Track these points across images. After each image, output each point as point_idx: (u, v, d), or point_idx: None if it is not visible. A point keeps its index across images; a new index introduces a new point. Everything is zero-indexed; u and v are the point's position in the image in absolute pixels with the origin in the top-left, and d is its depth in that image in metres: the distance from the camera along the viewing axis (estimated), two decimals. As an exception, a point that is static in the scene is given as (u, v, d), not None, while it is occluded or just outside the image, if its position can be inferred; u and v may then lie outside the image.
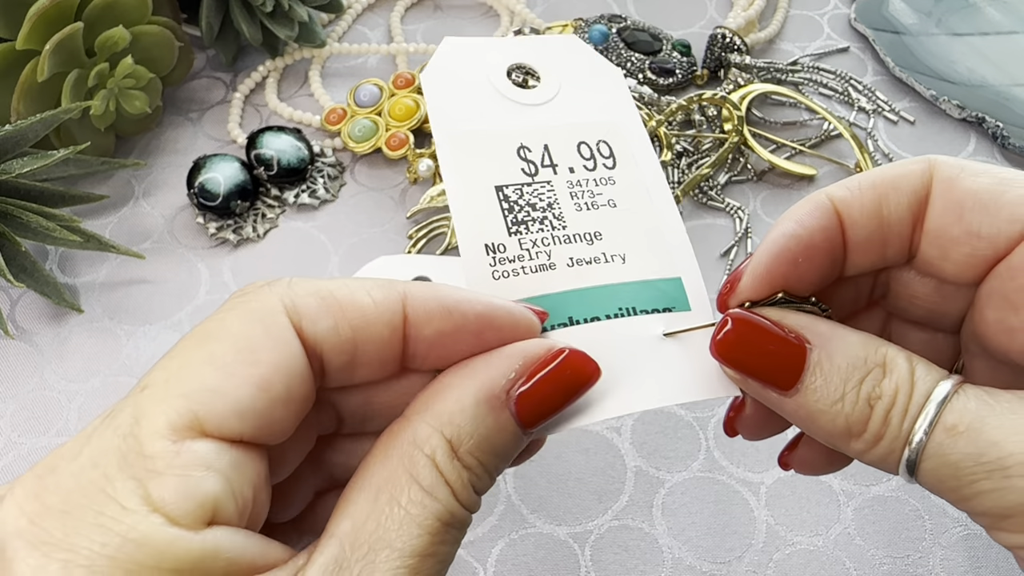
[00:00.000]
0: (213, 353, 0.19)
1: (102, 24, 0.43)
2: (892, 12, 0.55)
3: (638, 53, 0.52)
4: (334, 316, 0.20)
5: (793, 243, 0.22)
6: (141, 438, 0.18)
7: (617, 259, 0.26)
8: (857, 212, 0.22)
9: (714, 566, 0.34)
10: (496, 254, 0.25)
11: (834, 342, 0.21)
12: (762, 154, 0.47)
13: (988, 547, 0.35)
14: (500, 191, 0.25)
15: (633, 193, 0.27)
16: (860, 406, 0.21)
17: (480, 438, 0.20)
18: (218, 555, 0.17)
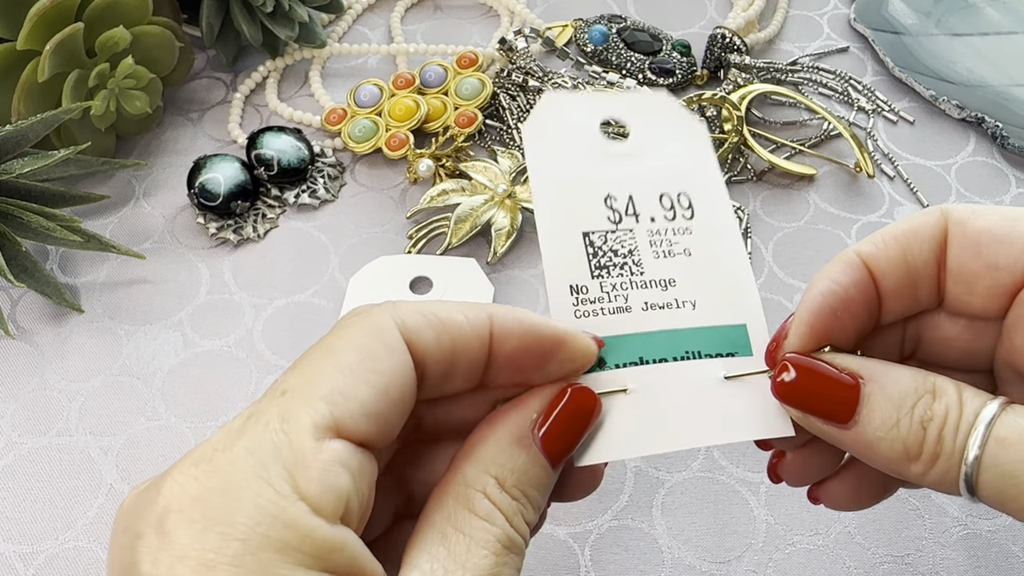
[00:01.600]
0: (340, 362, 0.21)
1: (103, 24, 0.43)
2: (892, 12, 0.55)
3: (638, 53, 0.52)
4: (436, 330, 0.22)
5: (832, 299, 0.24)
6: (290, 434, 0.20)
7: (688, 305, 0.28)
8: (884, 263, 0.25)
9: (714, 566, 0.35)
10: (579, 295, 0.27)
11: (886, 375, 0.23)
12: (762, 154, 0.47)
13: (988, 547, 0.35)
14: (587, 237, 0.28)
15: (708, 243, 0.29)
16: (914, 428, 0.22)
17: (520, 473, 0.23)
18: (344, 549, 0.19)
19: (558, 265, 0.28)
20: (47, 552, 0.35)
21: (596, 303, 0.27)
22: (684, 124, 0.31)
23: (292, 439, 0.20)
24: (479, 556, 0.21)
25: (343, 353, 0.21)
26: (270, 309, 0.42)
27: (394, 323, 0.22)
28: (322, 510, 0.19)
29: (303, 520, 0.19)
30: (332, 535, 0.19)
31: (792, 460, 0.27)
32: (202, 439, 0.38)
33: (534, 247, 0.44)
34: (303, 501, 0.19)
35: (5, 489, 0.37)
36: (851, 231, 0.45)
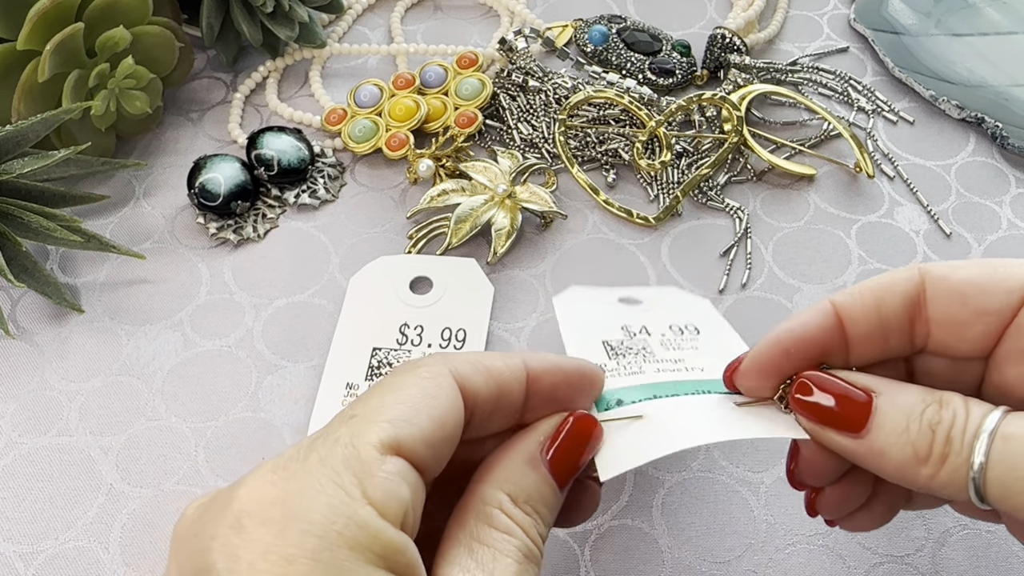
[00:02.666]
0: (402, 396, 0.24)
1: (103, 24, 0.43)
2: (891, 12, 0.55)
3: (638, 53, 0.52)
4: (483, 376, 0.25)
5: (785, 336, 0.27)
6: (359, 447, 0.22)
7: (697, 370, 0.32)
8: (858, 311, 0.27)
9: (714, 566, 0.35)
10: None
11: (895, 389, 0.25)
12: (762, 154, 0.47)
13: (988, 547, 0.35)
14: (606, 343, 0.33)
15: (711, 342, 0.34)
16: (923, 431, 0.24)
17: (531, 490, 0.25)
18: (406, 552, 0.21)
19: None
20: (47, 552, 0.35)
21: (613, 371, 0.31)
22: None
23: (360, 452, 0.22)
24: (504, 564, 0.23)
25: (405, 390, 0.24)
26: (270, 309, 0.42)
27: (448, 369, 0.25)
28: (387, 515, 0.21)
29: (373, 522, 0.21)
30: (397, 538, 0.21)
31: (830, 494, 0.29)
32: (202, 439, 0.38)
33: (534, 247, 0.44)
34: (371, 505, 0.21)
35: (5, 489, 0.37)
36: (851, 231, 0.45)
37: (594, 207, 0.46)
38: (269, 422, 0.39)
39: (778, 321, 0.41)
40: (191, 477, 0.37)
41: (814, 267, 0.44)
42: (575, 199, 0.46)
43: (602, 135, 0.48)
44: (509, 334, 0.41)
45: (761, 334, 0.41)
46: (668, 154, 0.47)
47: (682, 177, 0.47)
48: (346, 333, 0.41)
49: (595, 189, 0.46)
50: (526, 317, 0.42)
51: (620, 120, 0.49)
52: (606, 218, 0.46)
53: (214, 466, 0.37)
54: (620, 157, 0.48)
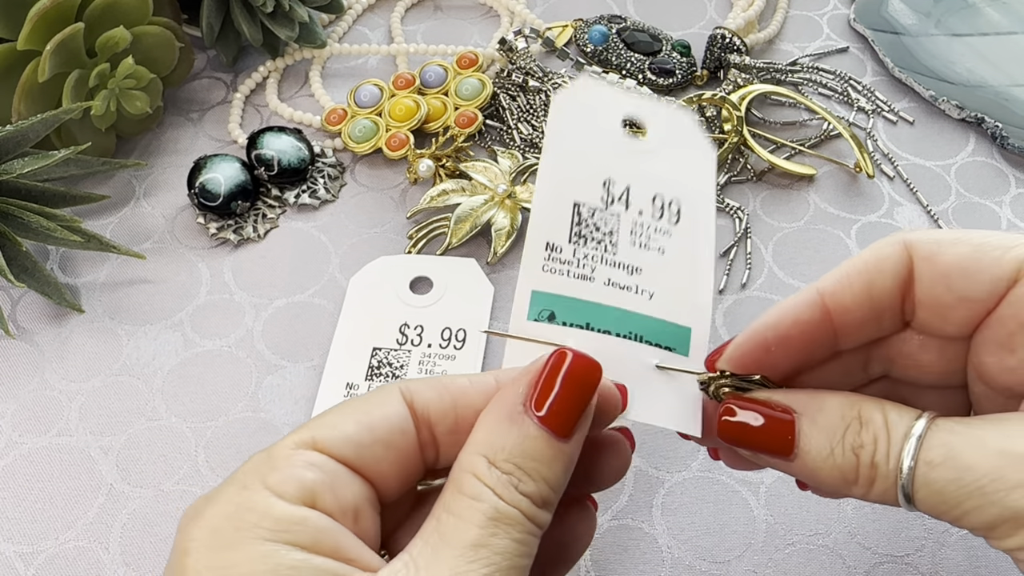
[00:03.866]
0: (337, 409, 0.24)
1: (103, 24, 0.43)
2: (891, 13, 0.55)
3: (638, 54, 0.52)
4: (437, 389, 0.25)
5: (769, 332, 0.26)
6: (272, 451, 0.23)
7: (645, 294, 0.30)
8: (849, 299, 0.26)
9: (713, 566, 0.35)
10: (552, 252, 0.29)
11: (814, 406, 0.25)
12: (762, 154, 0.47)
13: (987, 547, 0.35)
14: (577, 206, 0.30)
15: (682, 248, 0.31)
16: (847, 456, 0.24)
17: (511, 447, 0.23)
18: (306, 523, 0.22)
19: (543, 223, 0.29)
20: (47, 552, 0.35)
21: (565, 264, 0.29)
22: (699, 144, 0.32)
23: (272, 453, 0.23)
24: (462, 531, 0.22)
25: (343, 405, 0.25)
26: (270, 309, 0.42)
27: (397, 388, 0.25)
28: (284, 494, 0.22)
29: (263, 502, 0.22)
30: (289, 510, 0.22)
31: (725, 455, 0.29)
32: (202, 439, 0.38)
33: (534, 247, 0.44)
34: (268, 490, 0.22)
35: (5, 489, 0.37)
36: (851, 231, 0.45)
37: (594, 207, 0.46)
38: (269, 422, 0.39)
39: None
40: (191, 477, 0.37)
41: (814, 267, 0.44)
42: (575, 199, 0.46)
43: (602, 135, 0.48)
44: (509, 334, 0.41)
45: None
46: (668, 154, 0.47)
47: (682, 177, 0.47)
48: (346, 333, 0.41)
49: (595, 189, 0.46)
50: (526, 317, 0.42)
51: (620, 120, 0.49)
52: (606, 218, 0.46)
53: (214, 466, 0.37)
54: (620, 157, 0.48)
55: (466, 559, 0.21)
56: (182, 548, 0.22)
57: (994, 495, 0.22)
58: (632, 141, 0.31)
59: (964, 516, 0.23)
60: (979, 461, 0.22)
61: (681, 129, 0.32)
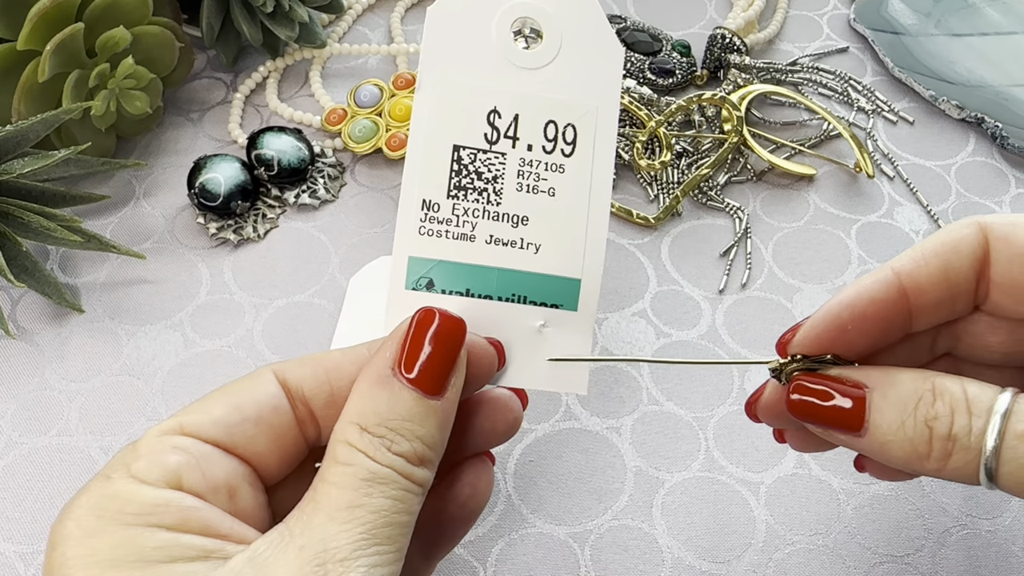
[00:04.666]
0: (207, 395, 0.25)
1: (103, 24, 0.43)
2: (891, 13, 0.55)
3: (638, 54, 0.52)
4: (310, 366, 0.25)
5: (846, 311, 0.26)
6: (137, 441, 0.24)
7: (531, 248, 0.27)
8: (925, 280, 0.26)
9: (714, 566, 0.35)
10: (429, 211, 0.27)
11: (886, 381, 0.25)
12: (762, 154, 0.47)
13: (987, 547, 0.35)
14: (456, 151, 0.27)
15: (575, 187, 0.27)
16: (919, 429, 0.24)
17: (383, 411, 0.23)
18: (170, 504, 0.22)
19: (418, 176, 0.26)
20: (47, 552, 0.35)
21: (443, 224, 0.27)
22: (602, 43, 0.28)
23: (137, 443, 0.23)
24: (334, 495, 0.22)
25: (212, 392, 0.25)
26: (270, 309, 0.42)
27: (269, 369, 0.25)
28: (147, 479, 0.22)
29: (125, 488, 0.22)
30: (152, 494, 0.22)
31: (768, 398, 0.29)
32: (202, 439, 0.38)
33: (534, 247, 0.44)
34: (131, 477, 0.22)
35: (5, 489, 0.37)
36: (851, 231, 0.45)
37: (594, 207, 0.46)
38: (269, 422, 0.39)
39: (778, 322, 0.41)
40: (191, 477, 0.37)
41: (814, 267, 0.44)
42: (575, 199, 0.46)
43: (602, 135, 0.48)
44: (509, 334, 0.41)
45: (761, 334, 0.41)
46: (668, 154, 0.47)
47: (682, 177, 0.47)
48: (346, 333, 0.41)
49: (595, 189, 0.46)
50: (526, 317, 0.42)
51: (620, 120, 0.49)
52: (606, 218, 0.46)
53: (214, 466, 0.37)
54: (620, 157, 0.48)
55: (340, 520, 0.21)
56: (51, 543, 0.22)
57: None
58: (524, 55, 0.27)
59: None
60: None
61: (584, 28, 0.28)
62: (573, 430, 0.38)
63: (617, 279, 0.43)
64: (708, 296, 0.43)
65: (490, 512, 0.36)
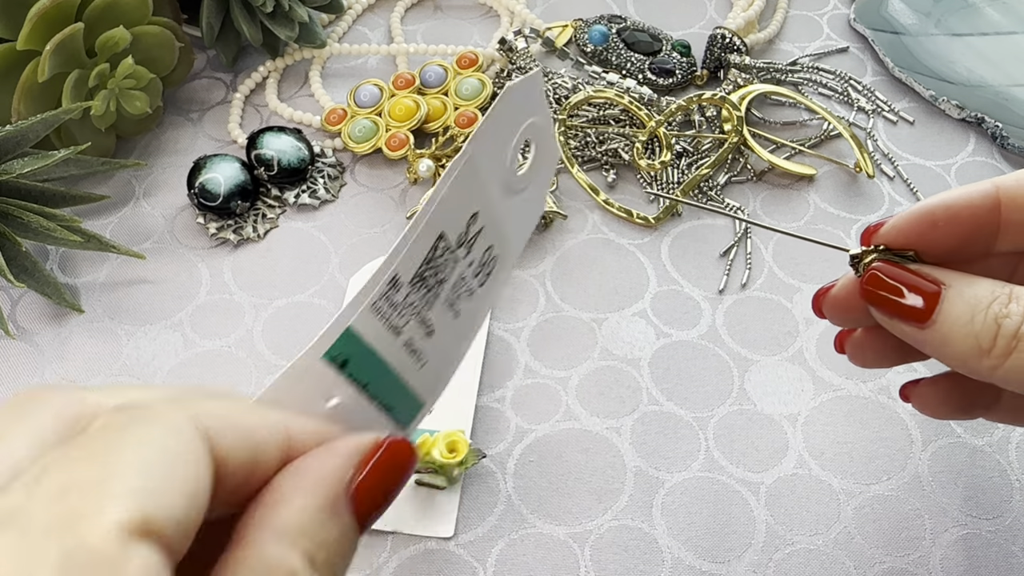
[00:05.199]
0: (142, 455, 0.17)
1: (103, 24, 0.43)
2: (891, 12, 0.55)
3: (638, 53, 0.52)
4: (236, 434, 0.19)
5: (940, 209, 0.26)
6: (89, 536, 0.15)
7: (421, 361, 0.26)
8: (1021, 196, 0.26)
9: (714, 566, 0.35)
10: (391, 290, 0.25)
11: (964, 281, 0.25)
12: (762, 154, 0.47)
13: (988, 547, 0.35)
14: (439, 240, 0.25)
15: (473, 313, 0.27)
16: (988, 323, 0.24)
17: (331, 545, 0.19)
18: None
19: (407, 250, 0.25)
20: (47, 552, 0.35)
21: (391, 308, 0.25)
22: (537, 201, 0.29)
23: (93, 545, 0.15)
24: None
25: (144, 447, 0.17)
26: (270, 309, 0.42)
27: (192, 425, 0.18)
28: None
29: None
30: None
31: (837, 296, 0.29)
32: (202, 439, 0.38)
33: (534, 247, 0.44)
34: None
35: (5, 489, 0.37)
36: (851, 231, 0.45)
37: (594, 207, 0.46)
38: (269, 422, 0.39)
39: (778, 322, 0.41)
40: (191, 477, 0.37)
41: (814, 267, 0.44)
42: (575, 199, 0.46)
43: (602, 135, 0.48)
44: (509, 334, 0.41)
45: (761, 334, 0.41)
46: (668, 154, 0.47)
47: (682, 177, 0.47)
48: (346, 333, 0.41)
49: (595, 189, 0.46)
50: (526, 317, 0.42)
51: (620, 120, 0.49)
52: (606, 218, 0.46)
53: (214, 466, 0.37)
54: (620, 157, 0.48)
55: None
56: None
57: None
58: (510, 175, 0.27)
59: None
60: None
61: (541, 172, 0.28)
62: (573, 430, 0.38)
63: (617, 279, 0.43)
64: (708, 296, 0.43)
65: (490, 512, 0.36)
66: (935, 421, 0.38)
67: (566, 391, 0.39)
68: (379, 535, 0.35)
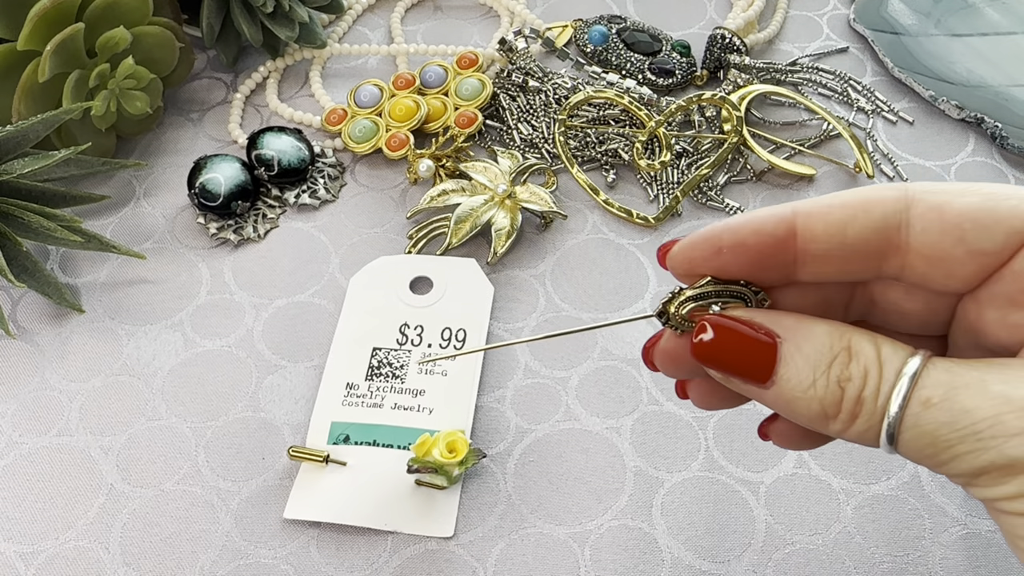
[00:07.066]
0: None
1: (103, 25, 0.43)
2: (891, 13, 0.55)
3: (638, 54, 0.52)
4: None
5: (727, 234, 0.24)
6: None
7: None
8: (820, 226, 0.24)
9: (713, 565, 0.35)
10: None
11: (800, 332, 0.23)
12: (761, 154, 0.47)
13: (987, 546, 0.35)
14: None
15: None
16: (832, 389, 0.23)
17: None
18: None
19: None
20: (47, 552, 0.35)
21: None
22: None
23: None
24: None
25: None
26: (270, 309, 0.42)
27: None
28: None
29: None
30: None
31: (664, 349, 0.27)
32: (202, 439, 0.38)
33: (534, 247, 0.44)
34: None
35: (5, 489, 0.37)
36: (851, 231, 0.45)
37: (594, 207, 0.46)
38: (269, 422, 0.39)
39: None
40: (191, 477, 0.37)
41: (814, 267, 0.44)
42: (575, 199, 0.46)
43: (602, 135, 0.48)
44: (509, 334, 0.41)
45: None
46: (668, 154, 0.47)
47: (682, 177, 0.47)
48: (346, 333, 0.41)
49: (595, 189, 0.46)
50: (526, 317, 0.42)
51: (620, 120, 0.49)
52: (606, 218, 0.46)
53: (214, 466, 0.37)
54: (620, 157, 0.48)
55: None
56: None
57: (991, 441, 0.21)
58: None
59: (951, 461, 0.22)
60: (979, 404, 0.21)
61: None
62: (573, 430, 0.38)
63: (617, 279, 0.43)
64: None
65: (490, 512, 0.36)
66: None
67: (566, 391, 0.39)
68: (379, 535, 0.35)
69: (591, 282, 0.43)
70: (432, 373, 0.39)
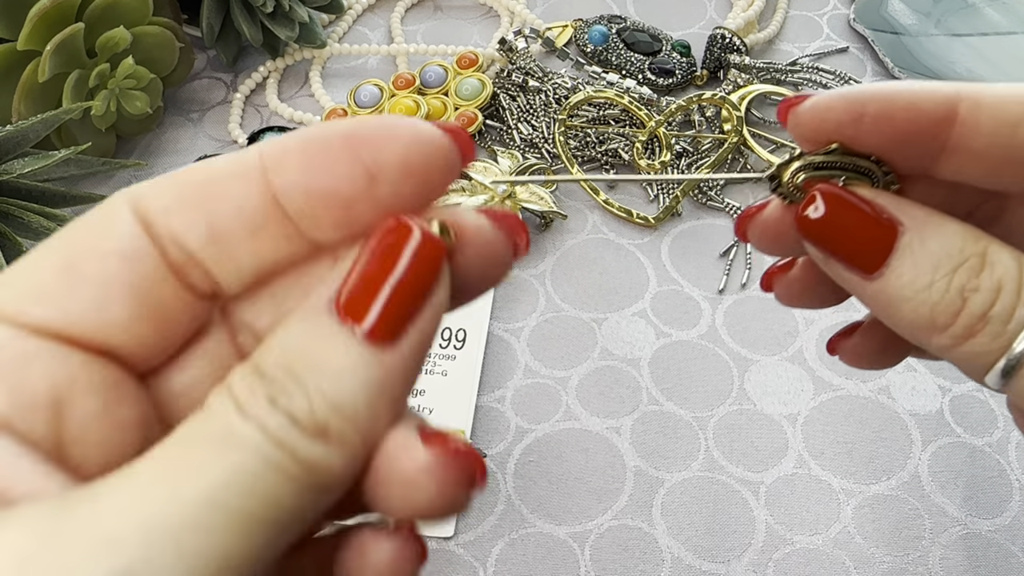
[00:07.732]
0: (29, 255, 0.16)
1: (103, 25, 0.43)
2: (891, 13, 0.55)
3: (638, 54, 0.52)
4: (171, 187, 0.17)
5: (875, 103, 0.20)
6: None
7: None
8: (989, 119, 0.19)
9: (713, 565, 0.35)
10: None
11: (929, 227, 0.19)
12: (761, 154, 0.47)
13: (987, 546, 0.35)
14: None
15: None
16: (950, 296, 0.19)
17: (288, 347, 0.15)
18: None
19: None
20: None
21: None
22: None
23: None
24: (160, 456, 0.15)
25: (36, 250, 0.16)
26: (270, 309, 0.42)
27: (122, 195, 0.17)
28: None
29: None
30: None
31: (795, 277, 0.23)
32: (202, 439, 0.38)
33: (534, 247, 0.44)
34: None
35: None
36: (851, 231, 0.45)
37: (594, 207, 0.46)
38: (269, 422, 0.39)
39: (778, 322, 0.41)
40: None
41: (814, 267, 0.44)
42: (575, 199, 0.46)
43: (602, 135, 0.48)
44: (509, 334, 0.41)
45: (761, 334, 0.41)
46: (668, 154, 0.47)
47: (682, 177, 0.47)
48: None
49: (595, 189, 0.46)
50: (526, 317, 0.42)
51: (620, 120, 0.49)
52: (606, 218, 0.46)
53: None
54: (620, 157, 0.48)
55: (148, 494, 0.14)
56: None
57: None
58: None
59: None
60: None
61: None
62: (573, 430, 0.38)
63: (617, 279, 0.43)
64: (708, 296, 0.43)
65: (490, 512, 0.36)
66: (935, 421, 0.38)
67: (566, 391, 0.39)
68: (379, 535, 0.35)
69: (591, 282, 0.43)
70: (432, 373, 0.39)
